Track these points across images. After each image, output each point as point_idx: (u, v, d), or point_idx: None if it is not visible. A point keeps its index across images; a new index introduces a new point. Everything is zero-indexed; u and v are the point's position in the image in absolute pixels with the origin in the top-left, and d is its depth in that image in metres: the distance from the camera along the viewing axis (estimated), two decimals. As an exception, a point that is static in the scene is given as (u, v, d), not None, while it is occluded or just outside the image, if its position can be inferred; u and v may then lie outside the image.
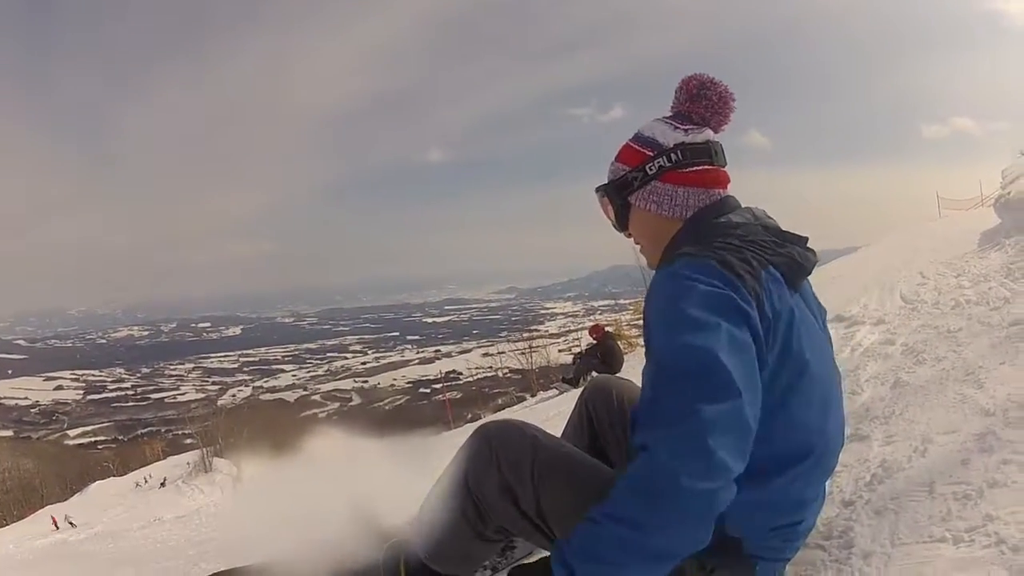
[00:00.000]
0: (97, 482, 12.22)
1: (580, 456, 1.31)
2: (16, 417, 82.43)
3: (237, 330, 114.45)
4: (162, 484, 10.45)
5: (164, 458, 14.42)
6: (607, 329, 9.85)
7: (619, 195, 1.29)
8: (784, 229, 1.23)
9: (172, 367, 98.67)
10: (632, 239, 1.35)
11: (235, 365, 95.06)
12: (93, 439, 66.56)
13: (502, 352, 24.19)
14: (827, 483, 1.30)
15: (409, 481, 1.45)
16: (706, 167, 1.24)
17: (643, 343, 1.16)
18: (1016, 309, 2.94)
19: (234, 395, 71.38)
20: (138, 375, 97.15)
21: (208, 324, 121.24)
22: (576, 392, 7.52)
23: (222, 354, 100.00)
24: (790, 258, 1.16)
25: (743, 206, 1.25)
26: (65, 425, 79.10)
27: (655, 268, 1.21)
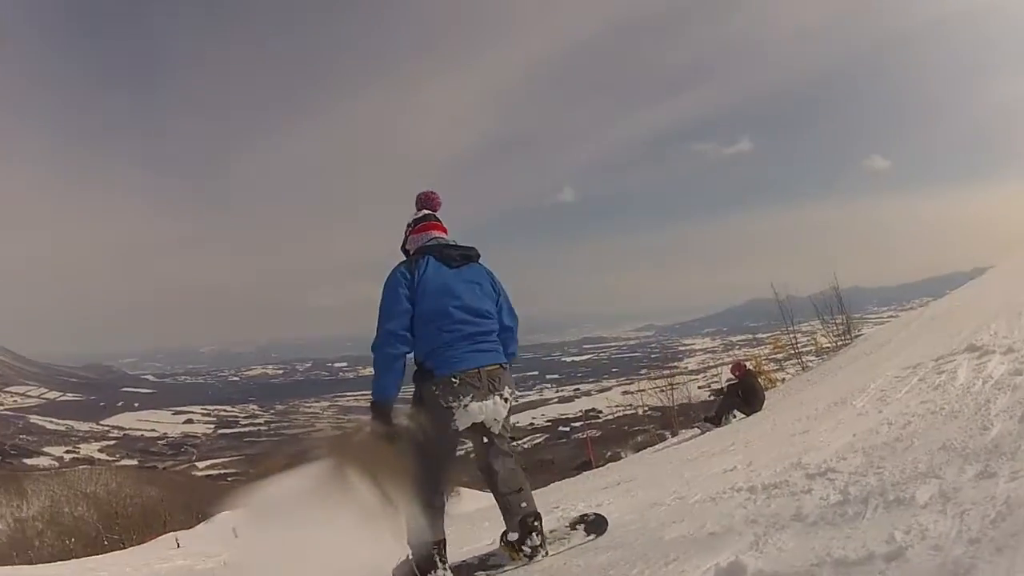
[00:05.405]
0: (226, 511, 12.50)
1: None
2: (142, 447, 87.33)
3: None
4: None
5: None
6: (748, 367, 9.83)
7: (406, 241, 2.89)
8: (451, 243, 2.82)
9: (307, 404, 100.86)
10: None
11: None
12: (222, 471, 69.56)
13: (642, 390, 24.13)
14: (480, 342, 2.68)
15: None
16: (422, 227, 2.85)
17: None
18: None
19: (370, 431, 73.43)
20: (271, 411, 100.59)
21: (345, 364, 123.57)
22: (720, 431, 7.24)
23: (359, 392, 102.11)
24: (440, 252, 2.73)
25: (450, 240, 2.86)
26: (194, 457, 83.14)
27: None
